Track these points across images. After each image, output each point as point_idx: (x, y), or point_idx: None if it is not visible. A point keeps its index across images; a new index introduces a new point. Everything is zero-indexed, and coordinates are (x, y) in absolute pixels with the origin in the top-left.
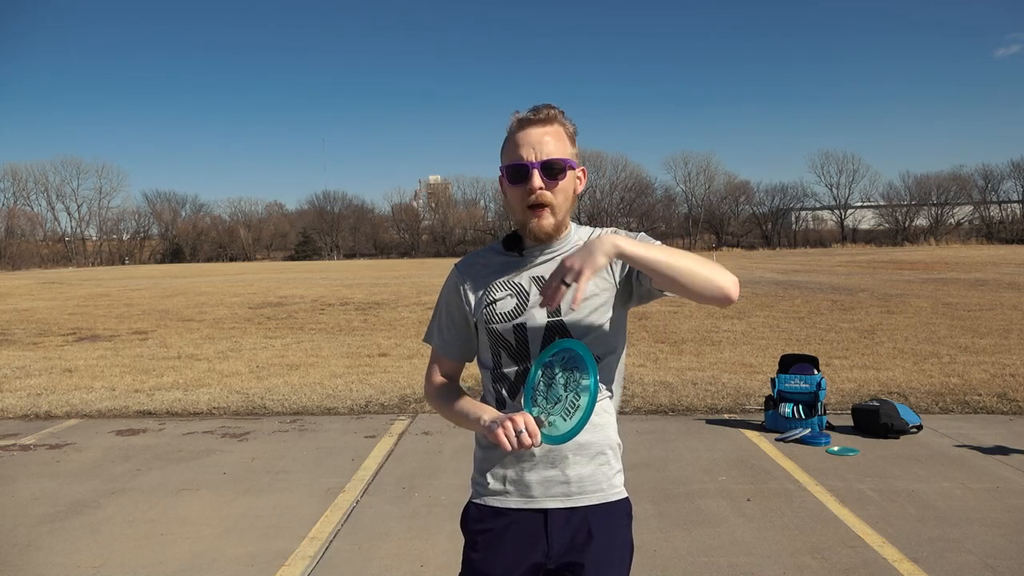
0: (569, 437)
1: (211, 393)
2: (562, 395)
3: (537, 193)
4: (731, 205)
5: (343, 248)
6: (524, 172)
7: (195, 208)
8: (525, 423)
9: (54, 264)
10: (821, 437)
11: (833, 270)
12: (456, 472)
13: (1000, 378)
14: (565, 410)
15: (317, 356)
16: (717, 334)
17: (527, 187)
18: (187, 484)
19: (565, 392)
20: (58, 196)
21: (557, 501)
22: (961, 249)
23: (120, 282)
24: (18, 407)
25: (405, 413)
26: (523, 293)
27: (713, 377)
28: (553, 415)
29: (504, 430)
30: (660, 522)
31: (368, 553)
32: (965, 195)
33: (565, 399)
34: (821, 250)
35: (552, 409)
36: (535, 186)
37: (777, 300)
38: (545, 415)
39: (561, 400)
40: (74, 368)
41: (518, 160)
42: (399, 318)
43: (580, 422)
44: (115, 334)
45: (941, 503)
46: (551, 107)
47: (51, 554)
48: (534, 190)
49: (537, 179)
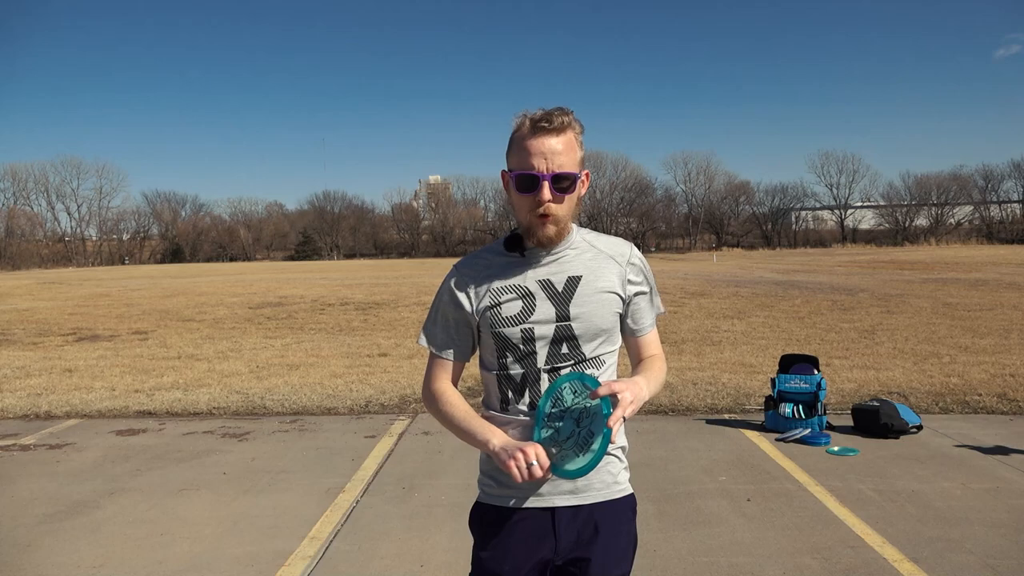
0: (582, 473)
1: (211, 393)
2: (574, 429)
3: (545, 205)
4: (731, 205)
5: (343, 248)
6: (534, 183)
7: (195, 208)
8: (536, 455)
9: (54, 264)
10: (821, 437)
11: (833, 270)
12: (456, 472)
13: (1000, 378)
14: (578, 444)
15: (317, 356)
16: (717, 334)
17: (536, 198)
18: (187, 484)
19: (578, 427)
20: (58, 196)
21: (564, 499)
22: (961, 249)
23: (120, 282)
24: (18, 407)
25: (405, 413)
26: (528, 295)
27: (713, 377)
28: (565, 448)
29: (515, 460)
30: (660, 522)
31: (368, 553)
32: (965, 195)
33: (578, 434)
34: (821, 250)
35: (564, 443)
36: (544, 198)
37: (777, 300)
38: (557, 448)
39: (573, 435)
40: (74, 368)
41: (529, 169)
42: (399, 318)
43: (593, 461)
44: (115, 334)
45: (941, 503)
46: (564, 113)
47: (51, 554)
48: (543, 202)
49: (547, 192)
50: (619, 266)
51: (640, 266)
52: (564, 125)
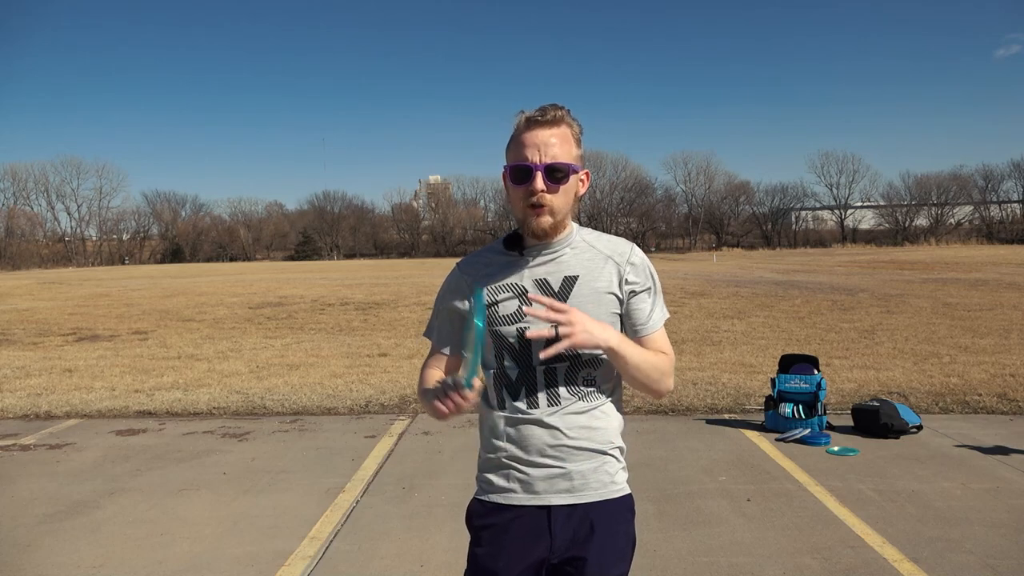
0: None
1: (211, 393)
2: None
3: (539, 195)
4: (731, 205)
5: (343, 248)
6: (527, 173)
7: (195, 208)
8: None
9: (54, 264)
10: (821, 437)
11: (833, 270)
12: (456, 472)
13: (1000, 378)
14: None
15: (317, 356)
16: (717, 334)
17: (529, 188)
18: (187, 484)
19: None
20: (58, 196)
21: (561, 497)
22: (961, 249)
23: (120, 282)
24: (18, 407)
25: (405, 413)
26: (525, 295)
27: (713, 377)
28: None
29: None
30: (660, 522)
31: (368, 553)
32: (965, 195)
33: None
34: (821, 250)
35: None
36: (537, 188)
37: (777, 300)
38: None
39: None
40: (74, 368)
41: (522, 160)
42: (399, 318)
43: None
44: (115, 334)
45: (941, 503)
46: (558, 108)
47: (51, 554)
48: (536, 191)
49: (540, 181)
50: (617, 266)
51: (640, 266)
52: (557, 118)
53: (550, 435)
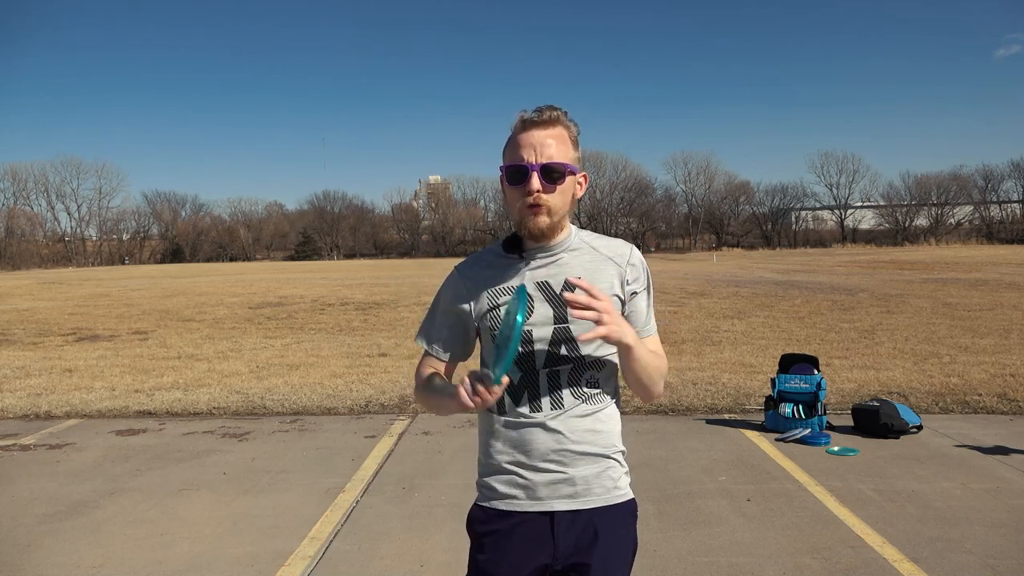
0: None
1: (211, 393)
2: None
3: (535, 195)
4: (731, 205)
5: (343, 248)
6: (523, 173)
7: (195, 208)
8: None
9: (54, 264)
10: (821, 437)
11: (833, 270)
12: (456, 472)
13: (1000, 378)
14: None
15: (317, 356)
16: (717, 334)
17: (525, 188)
18: (187, 484)
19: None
20: (58, 196)
21: (564, 503)
22: (961, 249)
23: (120, 282)
24: (18, 407)
25: (405, 413)
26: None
27: (713, 377)
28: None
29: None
30: (660, 522)
31: (368, 553)
32: (965, 195)
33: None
34: (821, 250)
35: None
36: (533, 188)
37: (777, 300)
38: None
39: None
40: (74, 368)
41: (518, 161)
42: (399, 318)
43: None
44: (115, 334)
45: (941, 503)
46: (555, 109)
47: (51, 554)
48: (531, 192)
49: (536, 181)
50: (618, 267)
51: (640, 267)
52: (553, 119)
53: (553, 439)
